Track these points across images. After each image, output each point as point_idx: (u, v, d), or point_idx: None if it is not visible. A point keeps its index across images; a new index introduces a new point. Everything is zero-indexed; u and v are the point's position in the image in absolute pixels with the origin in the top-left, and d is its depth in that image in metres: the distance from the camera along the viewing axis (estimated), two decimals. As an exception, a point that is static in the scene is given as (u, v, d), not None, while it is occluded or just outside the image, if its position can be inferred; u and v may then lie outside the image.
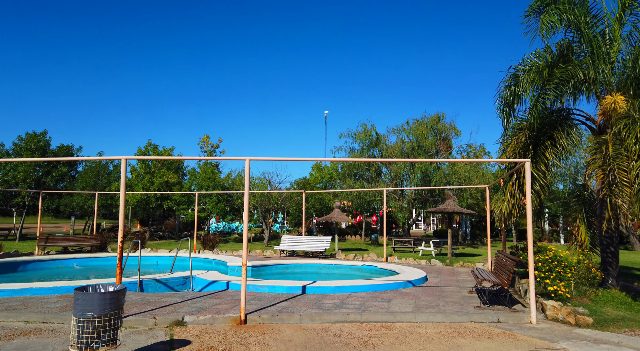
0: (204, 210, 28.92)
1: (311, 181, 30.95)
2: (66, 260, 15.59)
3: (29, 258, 15.16)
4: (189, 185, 29.91)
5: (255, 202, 25.70)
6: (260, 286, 9.47)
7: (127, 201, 27.68)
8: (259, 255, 17.67)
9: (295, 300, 8.52)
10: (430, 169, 25.76)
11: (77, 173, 32.48)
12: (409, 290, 9.95)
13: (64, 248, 18.57)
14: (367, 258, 16.36)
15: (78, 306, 4.67)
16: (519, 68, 11.89)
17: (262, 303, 8.23)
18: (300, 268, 14.31)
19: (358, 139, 28.02)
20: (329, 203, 29.55)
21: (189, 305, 7.98)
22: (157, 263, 16.02)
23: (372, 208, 30.46)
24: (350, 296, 9.06)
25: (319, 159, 8.22)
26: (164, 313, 7.31)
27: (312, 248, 16.95)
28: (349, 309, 7.81)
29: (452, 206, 18.93)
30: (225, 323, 7.10)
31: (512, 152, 10.83)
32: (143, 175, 29.11)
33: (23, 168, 28.04)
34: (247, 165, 7.51)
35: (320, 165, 34.65)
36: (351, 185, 26.76)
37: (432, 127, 27.35)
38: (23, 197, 28.56)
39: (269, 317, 7.25)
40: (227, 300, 8.45)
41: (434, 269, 14.02)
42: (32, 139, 29.29)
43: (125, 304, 7.93)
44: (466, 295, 9.61)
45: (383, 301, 8.57)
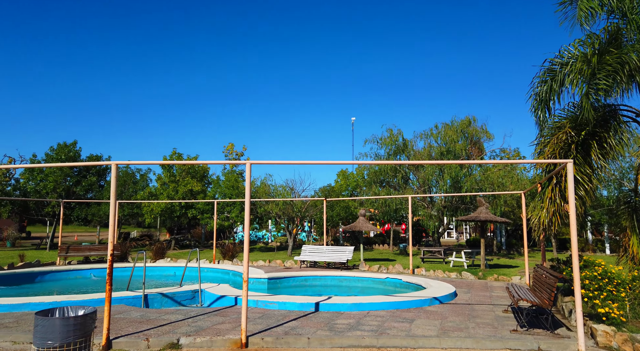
0: (228, 219, 28.58)
1: (336, 188, 30.11)
2: (84, 271, 15.39)
3: (48, 268, 15.04)
4: (213, 194, 29.71)
5: (278, 210, 25.10)
6: (269, 303, 8.72)
7: (152, 209, 27.71)
8: (278, 266, 16.97)
9: (306, 319, 7.71)
10: (460, 175, 24.44)
11: (105, 182, 33.00)
12: (435, 308, 8.95)
13: (86, 258, 18.50)
14: (392, 270, 15.36)
15: (37, 333, 4.06)
16: (556, 61, 10.73)
17: (268, 322, 7.48)
18: (319, 281, 13.49)
19: (384, 145, 27.03)
20: (355, 211, 28.61)
21: (189, 323, 7.33)
22: (175, 273, 15.59)
23: (400, 216, 29.29)
24: (367, 315, 8.17)
25: (329, 162, 7.46)
26: (159, 333, 6.67)
27: (333, 258, 16.11)
28: (365, 331, 6.94)
29: (485, 214, 17.66)
30: (224, 346, 6.39)
31: (551, 152, 9.68)
32: (168, 183, 29.15)
33: (53, 178, 28.63)
34: (247, 168, 6.84)
35: (346, 172, 33.79)
36: (377, 193, 25.75)
37: (462, 131, 26.05)
38: (53, 206, 29.14)
39: (273, 340, 6.48)
40: (232, 318, 7.74)
41: (465, 283, 12.89)
42: (63, 149, 29.95)
43: (123, 322, 7.37)
44: (500, 315, 8.53)
45: (404, 322, 7.64)
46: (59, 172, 28.94)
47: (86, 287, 13.32)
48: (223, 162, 7.64)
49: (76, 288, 13.06)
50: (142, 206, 28.92)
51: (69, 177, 29.85)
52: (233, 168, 33.84)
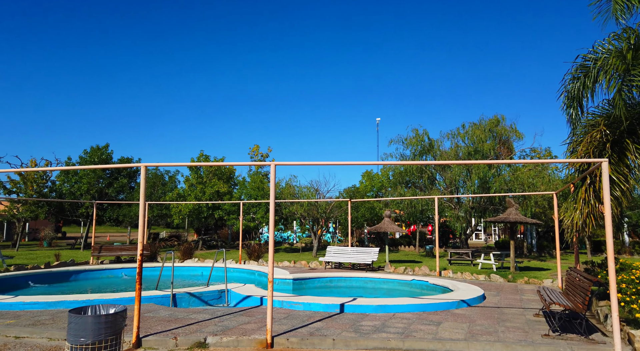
0: (254, 220, 28.88)
1: (361, 189, 29.98)
2: (116, 270, 15.86)
3: (81, 267, 15.57)
4: (239, 195, 30.09)
5: (303, 211, 25.19)
6: (294, 303, 8.75)
7: (180, 211, 28.30)
8: (303, 267, 17.02)
9: (331, 321, 7.69)
10: (489, 175, 23.89)
11: (135, 184, 33.93)
12: (462, 311, 8.77)
13: (117, 258, 19.06)
14: (418, 271, 15.15)
15: (71, 330, 4.19)
16: (589, 57, 10.35)
17: (294, 323, 7.50)
18: (344, 282, 13.45)
19: (409, 145, 26.71)
20: (380, 212, 28.40)
21: (215, 323, 7.43)
22: (202, 273, 15.85)
23: (427, 217, 28.89)
24: (393, 317, 8.08)
25: (353, 163, 7.41)
26: (187, 332, 6.80)
27: (358, 260, 16.02)
28: (390, 333, 6.86)
29: (515, 215, 17.20)
30: (249, 346, 6.44)
31: (585, 151, 9.34)
32: (195, 185, 29.72)
33: (87, 180, 29.66)
34: (272, 169, 6.88)
35: (371, 173, 33.62)
36: (402, 193, 25.47)
37: (490, 131, 25.46)
38: (86, 207, 30.17)
39: (298, 341, 6.49)
40: (257, 318, 7.81)
41: (494, 286, 12.57)
42: (96, 152, 30.99)
43: (152, 320, 7.55)
44: (531, 319, 8.27)
45: (431, 325, 7.52)
46: (92, 174, 29.95)
47: (117, 286, 13.72)
48: (248, 163, 7.71)
49: (108, 287, 13.48)
50: (171, 207, 29.59)
51: (101, 179, 30.85)
52: (258, 170, 34.21)
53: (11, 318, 7.71)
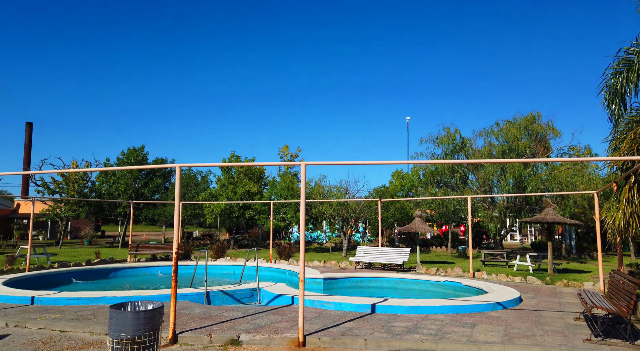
0: (284, 220, 29.12)
1: (390, 189, 29.67)
2: (152, 268, 16.35)
3: (120, 265, 16.15)
4: (269, 195, 30.43)
5: (332, 211, 25.20)
6: (325, 303, 8.76)
7: (213, 210, 28.88)
8: (334, 267, 17.01)
9: (363, 321, 7.66)
10: (524, 174, 23.15)
11: (170, 184, 34.88)
12: (498, 314, 8.54)
13: (153, 256, 19.64)
14: (451, 273, 14.86)
15: (112, 325, 4.35)
16: (632, 50, 9.89)
17: (325, 322, 7.51)
18: (375, 283, 13.35)
19: (440, 144, 26.24)
20: (411, 212, 28.03)
21: (248, 321, 7.54)
22: (234, 272, 16.12)
23: (459, 217, 28.29)
24: (426, 318, 7.96)
25: (383, 162, 7.33)
26: (221, 329, 6.93)
27: (389, 260, 15.87)
28: (423, 335, 6.76)
29: (552, 215, 16.59)
30: (282, 345, 6.50)
31: (628, 149, 8.91)
32: (227, 185, 30.26)
33: (124, 180, 30.73)
34: (302, 169, 6.91)
35: (401, 172, 33.22)
36: (434, 193, 25.04)
37: (525, 128, 24.68)
38: (124, 207, 31.27)
39: (330, 340, 6.50)
40: (289, 317, 7.87)
41: (531, 288, 12.17)
42: (132, 154, 32.06)
43: (187, 317, 7.74)
44: (572, 322, 7.96)
45: (465, 327, 7.36)
46: (129, 174, 31.02)
47: (153, 283, 14.15)
48: (279, 163, 7.77)
49: (144, 284, 13.91)
50: (203, 207, 30.25)
51: (137, 180, 31.91)
52: (288, 170, 34.47)
53: (56, 313, 8.08)
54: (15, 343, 6.42)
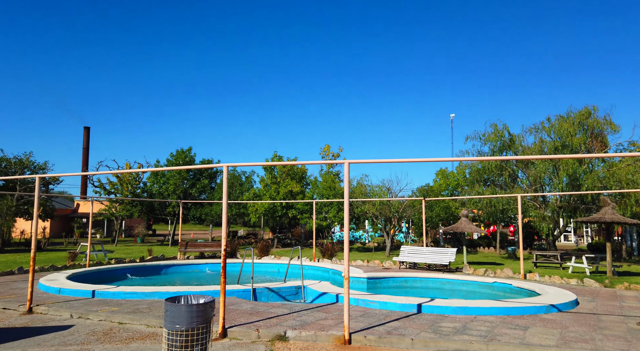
0: (326, 219, 29.24)
1: (435, 188, 29.03)
2: (200, 265, 16.95)
3: (170, 262, 16.86)
4: (311, 195, 30.66)
5: (375, 211, 25.01)
6: (370, 302, 8.72)
7: (257, 209, 29.48)
8: (377, 266, 16.89)
9: (409, 320, 7.56)
10: (579, 171, 21.92)
11: (216, 184, 35.98)
12: (552, 317, 8.15)
13: (201, 254, 20.35)
14: (501, 274, 14.33)
15: (168, 317, 4.55)
16: None
17: (370, 321, 7.48)
18: (420, 283, 13.13)
19: (487, 141, 25.34)
20: (456, 211, 27.30)
21: (294, 318, 7.64)
22: (278, 270, 16.38)
23: (508, 217, 27.20)
24: (475, 319, 7.73)
25: (428, 160, 7.17)
26: (268, 325, 7.07)
27: (434, 260, 15.55)
28: (472, 336, 6.58)
29: (611, 215, 15.61)
30: (327, 342, 6.54)
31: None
32: (270, 185, 30.80)
33: (173, 181, 32.03)
34: (346, 167, 6.91)
35: (445, 171, 32.44)
36: (480, 192, 24.25)
37: (580, 123, 23.35)
38: (173, 206, 32.58)
39: (376, 339, 6.47)
40: (334, 315, 7.90)
41: (588, 291, 11.52)
42: (180, 155, 33.36)
43: (235, 313, 7.96)
44: (635, 327, 7.46)
45: (517, 329, 7.08)
46: (177, 175, 32.30)
47: (202, 280, 14.66)
48: (322, 162, 7.80)
49: (194, 280, 14.44)
50: (248, 206, 30.95)
51: (185, 180, 33.16)
52: (330, 169, 34.57)
53: (114, 306, 8.57)
54: (79, 333, 6.86)
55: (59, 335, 6.72)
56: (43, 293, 9.97)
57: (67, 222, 45.81)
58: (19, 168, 27.65)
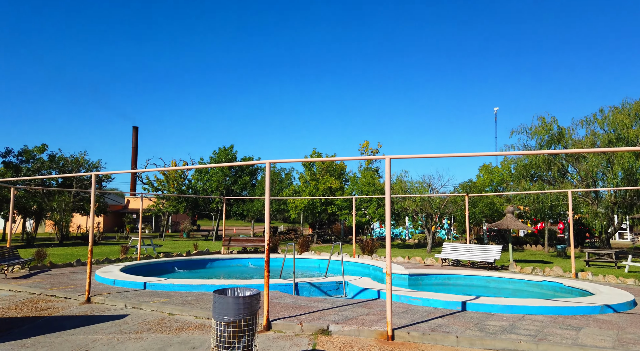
0: (365, 215, 29.13)
1: (478, 184, 28.18)
2: (243, 260, 17.38)
3: (215, 256, 17.39)
4: (350, 191, 30.62)
5: (415, 207, 24.64)
6: (413, 298, 8.63)
7: (296, 206, 29.82)
8: (418, 263, 16.65)
9: (453, 318, 7.42)
10: (636, 165, 20.60)
11: (257, 181, 36.68)
12: (607, 317, 7.74)
13: (244, 248, 20.85)
14: (550, 272, 13.75)
15: (216, 309, 4.72)
16: None
17: (413, 317, 7.41)
18: (463, 280, 12.83)
19: (534, 134, 24.30)
20: (501, 208, 26.41)
21: (336, 312, 7.70)
22: (319, 265, 16.51)
23: (557, 214, 25.99)
24: (523, 318, 7.48)
25: (471, 154, 6.98)
26: (310, 319, 7.17)
27: (478, 257, 15.14)
28: (521, 335, 6.38)
29: (673, 211, 14.57)
30: (370, 337, 6.55)
31: None
32: (309, 181, 31.04)
33: (216, 178, 32.94)
34: (387, 163, 6.86)
35: (489, 166, 31.43)
36: (527, 188, 23.33)
37: (636, 114, 21.91)
38: (216, 203, 33.53)
39: (420, 335, 6.41)
40: (376, 311, 7.89)
41: (647, 292, 10.83)
42: (223, 152, 34.23)
43: (278, 306, 8.12)
44: (702, 332, 6.95)
45: (569, 329, 6.79)
46: (220, 172, 33.19)
47: (245, 274, 15.03)
48: (362, 158, 7.78)
49: (237, 274, 14.84)
50: (288, 202, 31.35)
51: (227, 177, 34.02)
52: (369, 165, 34.38)
53: (164, 297, 8.96)
54: (133, 322, 7.25)
55: (115, 324, 7.13)
56: (99, 284, 10.59)
57: (118, 218, 48.25)
58: (75, 166, 29.37)
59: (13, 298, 9.32)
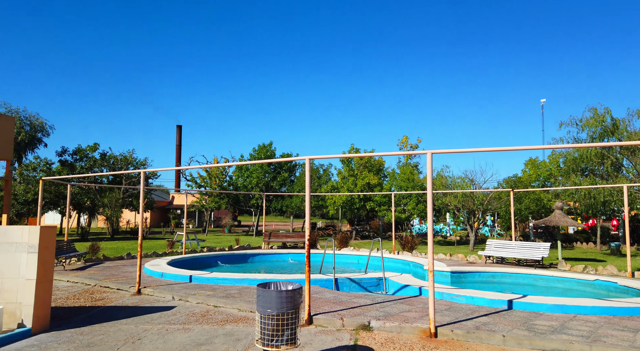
0: (404, 211, 28.75)
1: (523, 179, 27.07)
2: (283, 255, 17.63)
3: (255, 251, 17.76)
4: (389, 187, 30.30)
5: (457, 203, 24.05)
6: (456, 296, 8.45)
7: (335, 202, 29.87)
8: (460, 260, 16.26)
9: (498, 316, 7.21)
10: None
11: (295, 177, 37.04)
12: (669, 321, 7.25)
13: (283, 244, 21.15)
14: (603, 271, 13.05)
15: (260, 302, 4.82)
16: None
17: (457, 315, 7.26)
18: (509, 278, 12.41)
19: (585, 126, 23.10)
20: (548, 204, 25.28)
21: (377, 308, 7.67)
22: (358, 261, 16.49)
23: (611, 210, 24.59)
24: (574, 318, 7.15)
25: (517, 148, 6.70)
26: (351, 314, 7.18)
27: (525, 255, 14.59)
28: (573, 336, 6.10)
29: None
30: (412, 334, 6.48)
31: None
32: (347, 177, 30.99)
33: (256, 174, 33.56)
34: (428, 158, 6.72)
35: (536, 160, 30.14)
36: (577, 183, 22.21)
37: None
38: (257, 199, 34.16)
39: (464, 333, 6.27)
40: (417, 308, 7.79)
41: None
42: (262, 150, 34.81)
43: (319, 301, 8.19)
44: None
45: (625, 331, 6.42)
46: (259, 169, 33.77)
47: (285, 268, 15.25)
48: (402, 153, 7.66)
49: (278, 269, 15.08)
50: (326, 198, 31.46)
51: (267, 174, 34.57)
52: (408, 161, 33.87)
53: (209, 290, 9.25)
54: (181, 314, 7.54)
55: (164, 315, 7.44)
56: (148, 277, 11.08)
57: (164, 213, 50.22)
58: (124, 164, 30.83)
59: (71, 288, 9.93)
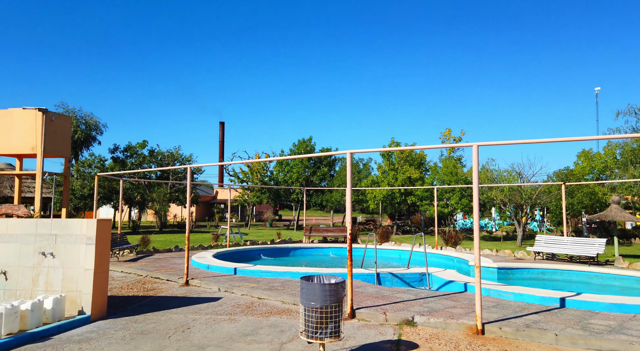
0: (447, 206, 28.08)
1: (576, 172, 25.69)
2: (324, 249, 17.74)
3: (297, 245, 17.97)
4: (431, 181, 29.68)
5: (503, 197, 23.20)
6: (503, 293, 8.17)
7: (375, 196, 29.64)
8: (508, 256, 15.70)
9: (550, 314, 6.90)
10: None
11: (335, 172, 37.06)
12: None
13: (324, 238, 21.26)
14: (666, 270, 12.17)
15: (303, 295, 4.87)
16: None
17: (504, 312, 7.02)
18: (561, 275, 11.84)
19: (645, 114, 21.60)
20: (603, 198, 23.86)
21: (420, 304, 7.56)
22: (400, 256, 16.31)
23: (673, 203, 22.92)
24: (634, 318, 6.73)
25: (568, 139, 6.31)
26: (394, 309, 7.12)
27: (578, 252, 13.87)
28: (632, 336, 5.74)
29: None
30: (458, 330, 6.34)
31: None
32: (388, 171, 30.65)
33: (296, 169, 33.88)
34: (474, 151, 6.50)
35: (590, 152, 28.50)
36: (636, 175, 20.83)
37: None
38: (297, 193, 34.51)
39: (513, 331, 6.06)
40: (463, 304, 7.60)
41: None
42: (302, 144, 35.07)
43: (361, 295, 8.17)
44: None
45: (693, 335, 5.97)
46: (300, 164, 34.06)
47: (326, 262, 15.34)
48: (445, 146, 7.46)
49: (319, 263, 15.18)
50: (366, 193, 31.28)
51: (307, 168, 34.82)
52: (450, 154, 33.02)
53: (253, 283, 9.47)
54: (227, 305, 7.77)
55: (211, 305, 7.69)
56: (195, 269, 11.49)
57: (208, 208, 51.84)
58: (171, 160, 32.04)
59: (125, 278, 10.47)
